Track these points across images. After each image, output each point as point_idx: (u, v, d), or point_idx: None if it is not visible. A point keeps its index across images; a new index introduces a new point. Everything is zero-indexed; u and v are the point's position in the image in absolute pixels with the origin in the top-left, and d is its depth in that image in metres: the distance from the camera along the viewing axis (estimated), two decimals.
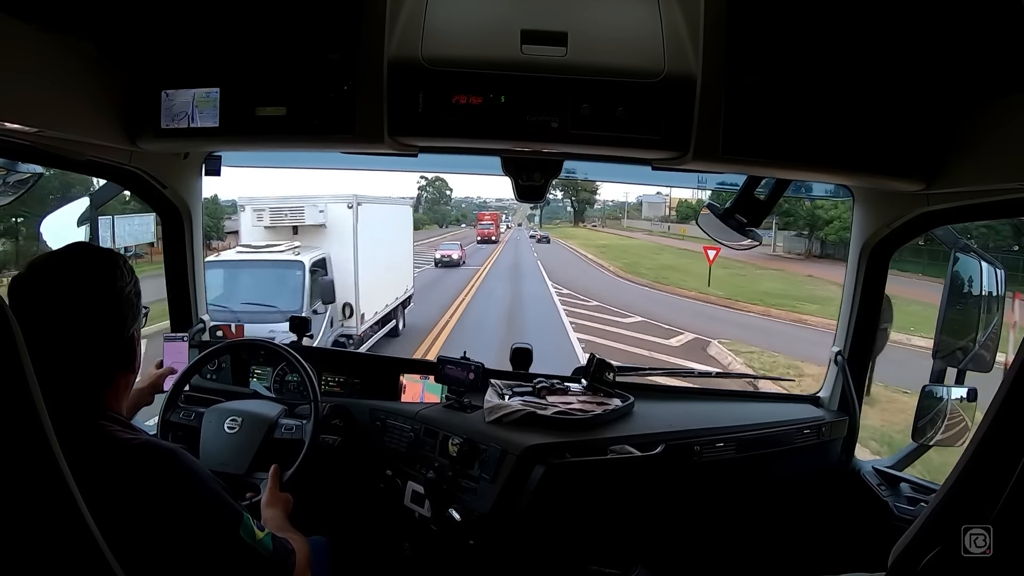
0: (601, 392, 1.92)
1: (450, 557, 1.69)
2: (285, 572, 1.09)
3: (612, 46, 1.29)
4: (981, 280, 1.69)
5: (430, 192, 50.63)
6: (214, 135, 1.37)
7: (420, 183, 47.68)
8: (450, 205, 54.33)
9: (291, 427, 1.71)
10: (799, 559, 1.92)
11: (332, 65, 1.29)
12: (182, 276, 2.12)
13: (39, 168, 1.56)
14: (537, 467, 1.58)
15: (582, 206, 54.93)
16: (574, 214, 54.91)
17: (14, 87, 1.13)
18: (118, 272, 1.02)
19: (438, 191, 50.99)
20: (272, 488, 1.45)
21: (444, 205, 53.30)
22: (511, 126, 1.31)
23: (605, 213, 55.57)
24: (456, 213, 55.58)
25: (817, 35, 1.23)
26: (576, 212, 54.99)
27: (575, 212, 55.01)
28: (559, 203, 53.82)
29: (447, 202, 53.69)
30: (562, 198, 52.00)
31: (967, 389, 1.70)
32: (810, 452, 1.95)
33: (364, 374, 2.15)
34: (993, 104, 1.20)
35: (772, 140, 1.29)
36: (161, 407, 1.73)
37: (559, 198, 52.15)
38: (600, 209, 56.32)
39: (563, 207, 55.42)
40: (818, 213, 23.12)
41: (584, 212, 54.84)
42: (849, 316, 1.92)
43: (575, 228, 50.71)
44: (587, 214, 54.97)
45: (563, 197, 51.92)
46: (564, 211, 55.99)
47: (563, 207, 55.42)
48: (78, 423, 0.95)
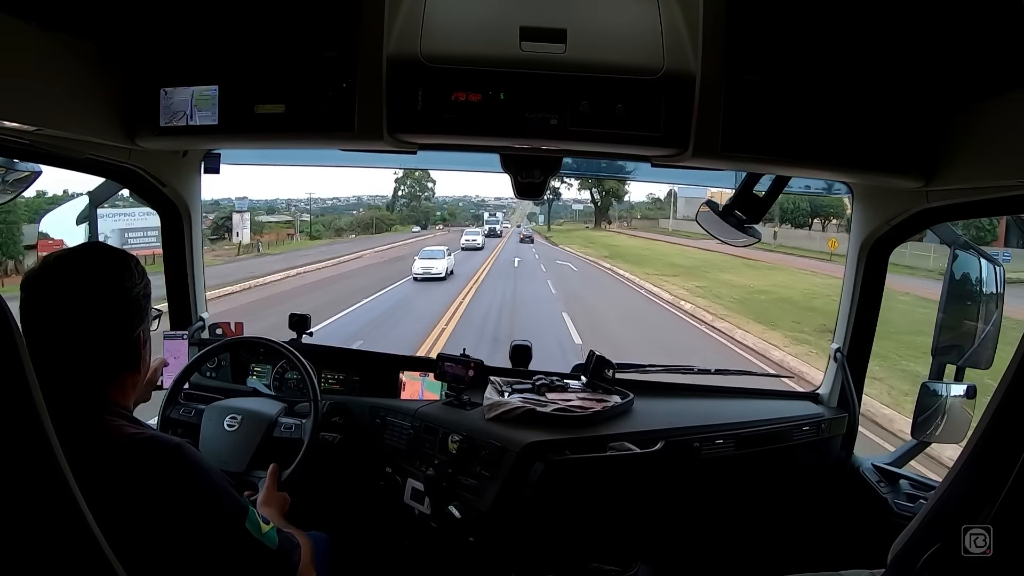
0: (601, 389, 1.92)
1: (450, 554, 1.70)
2: (291, 566, 1.10)
3: (611, 43, 1.29)
4: (980, 277, 1.69)
5: (407, 187, 43.92)
6: (213, 133, 1.37)
7: (397, 174, 41.24)
8: (432, 201, 46.61)
9: (290, 426, 1.71)
10: (798, 555, 1.93)
11: (331, 62, 1.29)
12: (181, 274, 2.12)
13: (38, 166, 1.56)
14: (537, 464, 1.59)
15: (607, 199, 42.41)
16: (596, 211, 43.43)
17: (13, 86, 1.13)
18: (127, 272, 1.03)
19: (418, 183, 43.52)
20: (269, 487, 1.45)
21: (426, 201, 46.02)
22: (510, 123, 1.31)
23: (631, 212, 44.73)
24: (443, 212, 48.10)
25: (816, 32, 1.22)
26: (600, 208, 43.15)
27: (598, 209, 43.22)
28: (562, 202, 43.99)
29: (429, 197, 46.05)
30: (578, 188, 41.23)
31: (966, 386, 1.70)
32: (809, 449, 1.96)
33: (364, 371, 2.15)
34: (993, 101, 1.20)
35: (771, 137, 1.29)
36: (161, 404, 1.73)
37: (568, 193, 41.47)
38: (626, 207, 45.16)
39: (568, 206, 46.07)
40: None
41: (609, 209, 43.60)
42: (848, 313, 1.92)
43: (596, 231, 39.84)
44: (611, 211, 43.65)
45: (580, 188, 40.98)
46: (569, 210, 46.49)
47: (568, 206, 46.07)
48: (83, 418, 0.95)
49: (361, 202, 45.65)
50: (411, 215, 44.83)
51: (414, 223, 43.58)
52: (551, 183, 1.72)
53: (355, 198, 45.76)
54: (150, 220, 2.22)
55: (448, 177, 45.06)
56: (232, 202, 29.70)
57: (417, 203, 45.40)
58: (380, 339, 9.23)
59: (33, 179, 1.58)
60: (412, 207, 45.20)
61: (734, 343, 9.97)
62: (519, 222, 44.74)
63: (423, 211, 45.69)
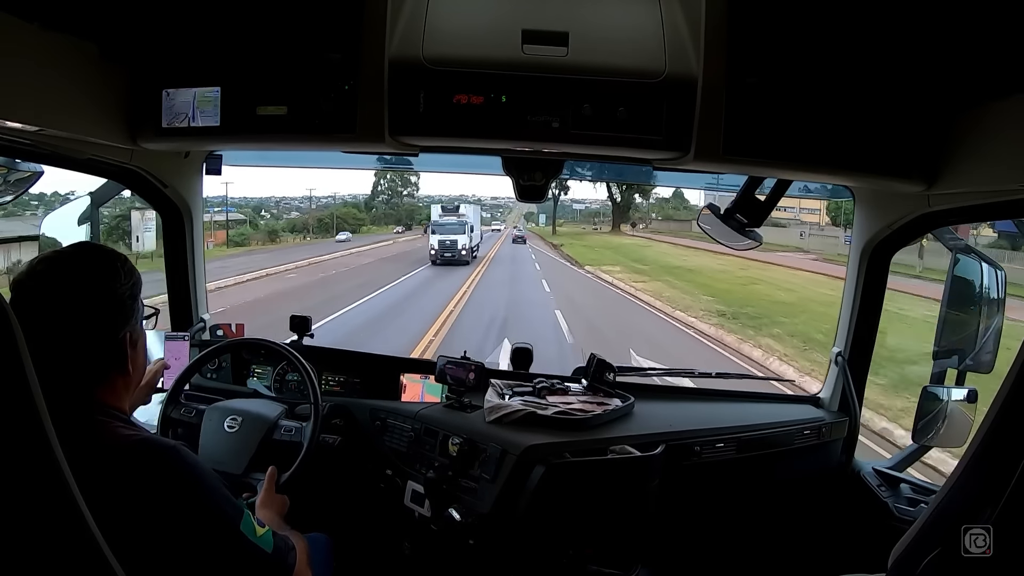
0: (601, 392, 1.92)
1: (450, 557, 1.69)
2: (285, 569, 1.10)
3: (613, 46, 1.30)
4: (982, 281, 1.69)
5: (386, 183, 37.15)
6: (215, 134, 1.38)
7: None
8: (415, 197, 39.19)
9: (290, 429, 1.70)
10: (799, 560, 1.92)
11: (333, 65, 1.29)
12: (183, 275, 2.12)
13: (40, 167, 1.56)
14: (537, 467, 1.58)
15: (628, 196, 34.37)
16: (615, 211, 35.46)
17: (15, 86, 1.14)
18: (114, 272, 1.02)
19: (400, 177, 36.44)
20: (268, 489, 1.45)
21: (409, 198, 39.13)
22: (512, 126, 1.31)
23: (647, 212, 37.03)
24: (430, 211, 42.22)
25: (818, 36, 1.23)
26: (620, 208, 35.20)
27: (617, 207, 35.15)
28: (561, 202, 37.17)
29: (412, 193, 38.95)
30: (594, 186, 33.66)
31: (967, 390, 1.70)
32: (810, 453, 1.95)
33: (364, 374, 2.15)
34: (994, 105, 1.20)
35: (773, 141, 1.29)
36: (162, 403, 1.73)
37: (566, 193, 34.54)
38: (643, 206, 37.02)
39: (568, 206, 39.68)
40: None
41: (630, 208, 35.90)
42: (850, 317, 1.92)
43: (613, 235, 32.56)
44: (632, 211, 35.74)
45: (594, 181, 32.27)
46: (569, 210, 40.15)
47: (568, 206, 39.68)
48: (74, 418, 0.94)
49: (335, 199, 38.44)
50: (391, 214, 38.50)
51: (395, 223, 37.56)
52: (556, 180, 1.71)
53: (351, 196, 39.01)
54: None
55: (448, 177, 40.86)
56: (225, 200, 27.70)
57: (398, 200, 39.02)
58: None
59: (35, 179, 1.58)
60: (392, 204, 39.00)
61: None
62: (516, 222, 40.85)
63: (406, 209, 38.89)
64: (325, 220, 34.56)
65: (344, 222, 34.21)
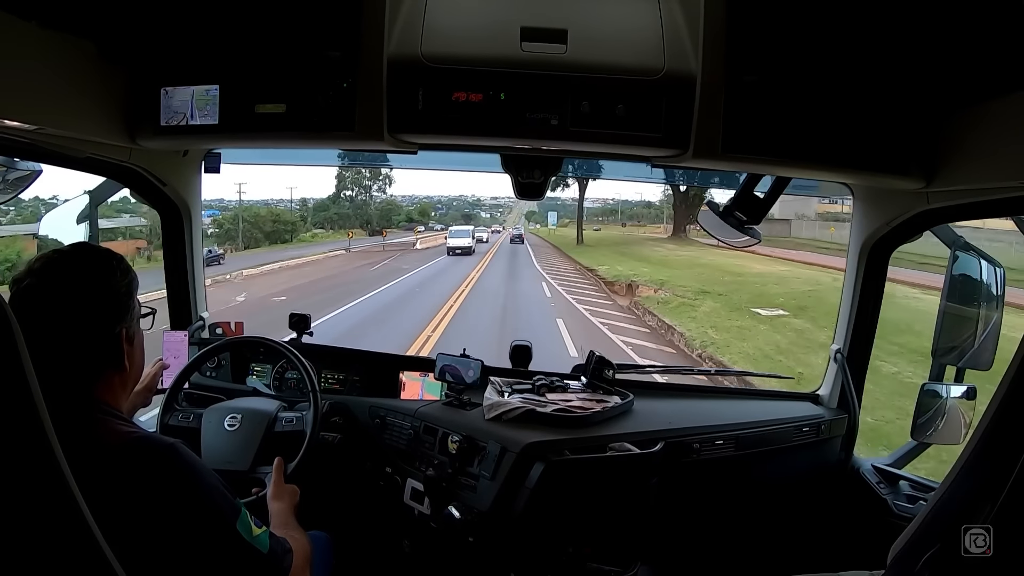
0: (600, 390, 1.92)
1: (449, 554, 1.69)
2: (281, 571, 1.09)
3: (612, 44, 1.29)
4: (981, 278, 1.69)
5: (349, 176, 31.39)
6: (213, 132, 1.37)
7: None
8: (387, 194, 33.72)
9: (291, 419, 1.70)
10: (798, 556, 1.92)
11: (332, 62, 1.29)
12: (182, 273, 2.12)
13: (38, 165, 1.56)
14: (536, 464, 1.59)
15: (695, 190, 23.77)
16: (676, 206, 27.11)
17: (14, 84, 1.13)
18: (110, 270, 1.03)
19: (371, 172, 30.89)
20: (277, 481, 1.44)
21: (380, 193, 33.11)
22: (511, 123, 1.31)
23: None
24: (414, 209, 36.20)
25: (817, 33, 1.22)
26: (687, 201, 26.01)
27: (683, 200, 26.27)
28: (560, 201, 33.49)
29: (383, 188, 32.97)
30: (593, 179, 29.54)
31: (966, 387, 1.70)
32: (809, 450, 1.96)
33: (364, 372, 2.15)
34: (993, 102, 1.20)
35: (772, 138, 1.29)
36: (160, 404, 1.73)
37: (567, 192, 29.87)
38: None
39: (567, 204, 34.25)
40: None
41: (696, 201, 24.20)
42: (849, 314, 1.92)
43: (679, 244, 22.32)
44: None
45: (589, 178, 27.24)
46: (569, 209, 34.16)
47: (567, 204, 34.25)
48: (74, 416, 0.95)
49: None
50: (358, 215, 32.66)
51: (361, 225, 31.92)
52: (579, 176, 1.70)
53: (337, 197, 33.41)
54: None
55: (449, 176, 38.58)
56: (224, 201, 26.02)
57: (367, 198, 32.67)
58: None
59: (34, 178, 1.58)
60: (357, 204, 33.00)
61: None
62: (516, 222, 39.42)
63: (384, 210, 33.12)
64: (227, 226, 26.08)
65: (257, 229, 25.95)
